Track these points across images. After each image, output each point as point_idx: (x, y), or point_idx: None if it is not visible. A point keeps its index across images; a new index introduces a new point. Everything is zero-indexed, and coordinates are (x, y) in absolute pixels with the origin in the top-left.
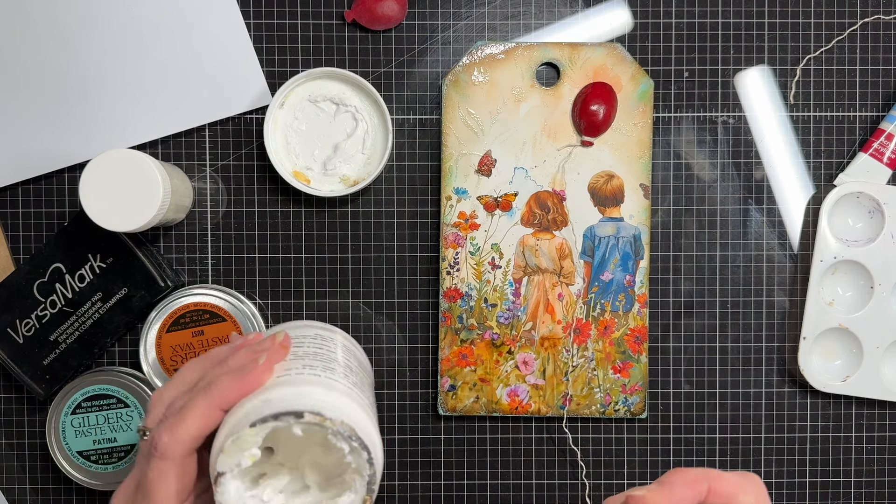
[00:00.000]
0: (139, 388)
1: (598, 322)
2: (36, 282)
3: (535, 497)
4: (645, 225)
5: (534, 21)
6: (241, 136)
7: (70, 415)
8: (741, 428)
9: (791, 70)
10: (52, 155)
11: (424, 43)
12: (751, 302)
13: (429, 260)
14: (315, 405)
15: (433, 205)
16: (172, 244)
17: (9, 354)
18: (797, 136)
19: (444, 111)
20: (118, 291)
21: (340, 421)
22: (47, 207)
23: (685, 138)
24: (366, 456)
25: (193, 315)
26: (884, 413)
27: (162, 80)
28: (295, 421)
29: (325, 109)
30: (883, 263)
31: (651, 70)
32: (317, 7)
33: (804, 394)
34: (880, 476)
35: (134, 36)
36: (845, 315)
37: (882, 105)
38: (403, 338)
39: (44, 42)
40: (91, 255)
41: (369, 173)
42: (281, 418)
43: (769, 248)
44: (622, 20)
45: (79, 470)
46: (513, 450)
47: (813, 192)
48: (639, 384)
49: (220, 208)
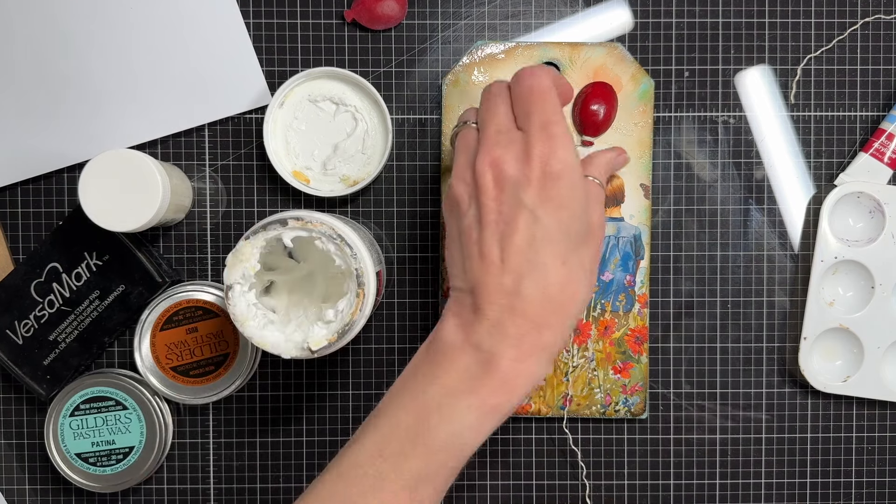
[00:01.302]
0: (138, 391)
1: (598, 322)
2: (33, 282)
3: (536, 497)
4: (645, 225)
5: (534, 21)
6: (240, 136)
7: (68, 417)
8: (741, 428)
9: (791, 70)
10: (52, 155)
11: (424, 43)
12: (751, 302)
13: (429, 260)
14: (299, 214)
15: (433, 205)
16: (172, 244)
17: (9, 356)
18: (798, 136)
19: (445, 111)
20: (116, 289)
21: (320, 222)
22: (47, 207)
23: (685, 138)
24: (349, 251)
25: (186, 312)
26: (884, 413)
27: (161, 79)
28: (282, 228)
29: (325, 109)
30: (884, 263)
31: (651, 70)
32: (317, 7)
33: (804, 394)
34: (880, 476)
35: (134, 36)
36: (846, 315)
37: (883, 105)
38: (403, 338)
39: (43, 41)
40: (87, 253)
41: (369, 173)
42: (269, 227)
43: (770, 248)
44: (622, 20)
45: (77, 472)
46: (513, 450)
47: (813, 192)
48: (639, 384)
49: (219, 208)
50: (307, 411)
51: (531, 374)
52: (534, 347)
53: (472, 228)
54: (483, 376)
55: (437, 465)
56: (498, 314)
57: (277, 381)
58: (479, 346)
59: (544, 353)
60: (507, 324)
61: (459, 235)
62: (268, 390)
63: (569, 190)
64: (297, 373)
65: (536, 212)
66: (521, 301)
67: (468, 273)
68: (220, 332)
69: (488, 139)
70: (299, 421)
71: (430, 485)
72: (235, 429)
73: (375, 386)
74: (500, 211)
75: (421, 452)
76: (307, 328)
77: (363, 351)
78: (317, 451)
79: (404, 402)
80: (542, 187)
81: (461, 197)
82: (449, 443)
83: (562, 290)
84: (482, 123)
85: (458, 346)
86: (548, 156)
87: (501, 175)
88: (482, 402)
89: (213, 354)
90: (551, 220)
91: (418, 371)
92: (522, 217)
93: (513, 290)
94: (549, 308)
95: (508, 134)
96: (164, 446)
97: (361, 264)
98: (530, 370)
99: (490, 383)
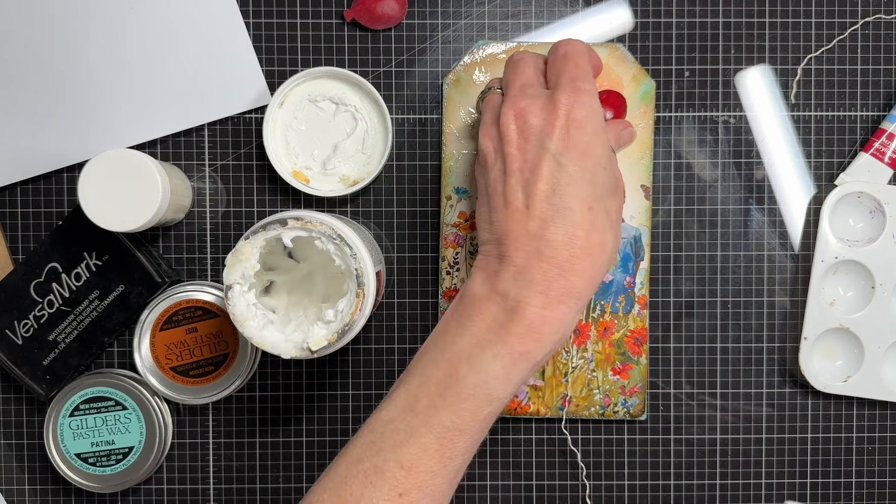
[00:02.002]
0: (137, 391)
1: (597, 323)
2: (33, 282)
3: (536, 498)
4: (645, 226)
5: (534, 20)
6: (240, 136)
7: (68, 417)
8: (742, 429)
9: (792, 69)
10: (51, 154)
11: (424, 42)
12: (751, 302)
13: (429, 260)
14: (299, 214)
15: (433, 205)
16: (171, 244)
17: (8, 356)
18: (798, 136)
19: (445, 110)
20: (115, 288)
21: (320, 222)
22: (46, 207)
23: (686, 138)
24: (349, 251)
25: (186, 312)
26: (885, 413)
27: (161, 79)
28: (281, 228)
29: (325, 109)
30: (884, 263)
31: (651, 70)
32: (316, 6)
33: (805, 394)
34: (881, 476)
35: (133, 35)
36: (846, 315)
37: (883, 105)
38: (403, 338)
39: (43, 41)
40: (87, 253)
41: (369, 173)
42: (269, 227)
43: (770, 249)
44: (622, 20)
45: (77, 472)
46: (513, 450)
47: (814, 192)
48: (638, 386)
49: (219, 208)
50: (307, 411)
51: (560, 321)
52: (562, 294)
53: (497, 181)
54: (509, 324)
55: (467, 415)
56: (524, 260)
57: (277, 381)
58: (506, 294)
59: (573, 299)
60: (533, 269)
61: (486, 189)
62: (268, 390)
63: (593, 136)
64: (296, 373)
65: (561, 158)
66: (547, 246)
67: (494, 224)
68: (219, 332)
69: (513, 93)
70: (299, 421)
71: (462, 436)
72: (235, 429)
73: (375, 386)
74: (524, 159)
75: (451, 403)
76: (307, 328)
77: (363, 351)
78: (317, 451)
79: (434, 357)
80: (566, 135)
81: (487, 151)
82: (476, 392)
83: (588, 236)
84: (507, 83)
85: (485, 296)
86: (572, 104)
87: (525, 124)
88: (510, 349)
89: (212, 354)
90: (576, 167)
91: (448, 327)
92: (546, 163)
93: (538, 234)
94: (577, 253)
95: (534, 88)
96: (164, 446)
97: (361, 264)
98: (559, 317)
99: (516, 330)
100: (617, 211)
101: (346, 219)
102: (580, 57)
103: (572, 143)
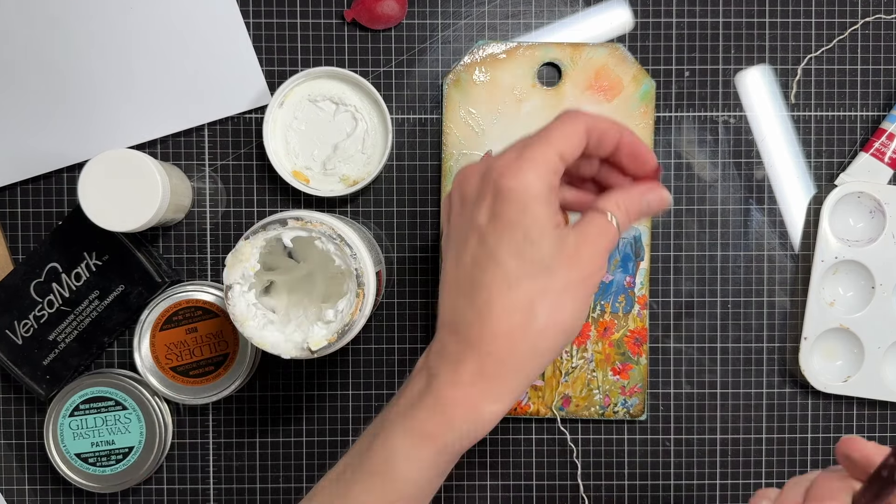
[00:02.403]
0: (137, 391)
1: (597, 323)
2: (33, 282)
3: (535, 498)
4: (645, 226)
5: (534, 20)
6: (240, 136)
7: (68, 417)
8: (742, 429)
9: (792, 69)
10: (52, 154)
11: (424, 42)
12: (751, 302)
13: (429, 260)
14: (299, 214)
15: (433, 205)
16: (171, 244)
17: (8, 356)
18: (798, 136)
19: (445, 110)
20: (115, 288)
21: (320, 222)
22: (46, 207)
23: (686, 138)
24: (349, 251)
25: (186, 312)
26: (885, 413)
27: (161, 79)
28: (281, 228)
29: (325, 109)
30: (884, 263)
31: (651, 69)
32: (316, 6)
33: (805, 394)
34: None
35: (133, 35)
36: (846, 315)
37: (883, 105)
38: (403, 338)
39: (43, 41)
40: (87, 253)
41: (369, 173)
42: (269, 227)
43: (770, 249)
44: (623, 20)
45: (77, 472)
46: (512, 450)
47: (814, 192)
48: (638, 386)
49: (219, 208)
50: (307, 411)
51: (473, 407)
52: (474, 375)
53: (444, 248)
54: (424, 396)
55: (376, 492)
56: (444, 333)
57: (277, 381)
58: (429, 367)
59: (487, 384)
60: (448, 343)
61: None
62: (268, 390)
63: (519, 213)
64: (296, 373)
65: (484, 230)
66: (461, 322)
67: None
68: (219, 332)
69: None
70: (299, 421)
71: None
72: (235, 429)
73: (375, 386)
74: (459, 229)
75: (361, 478)
76: (307, 328)
77: (363, 351)
78: (317, 452)
79: (369, 428)
80: (492, 206)
81: (443, 218)
82: (382, 468)
83: (505, 317)
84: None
85: (419, 367)
86: (503, 173)
87: (463, 193)
88: (416, 427)
89: (212, 354)
90: (497, 241)
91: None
92: (473, 236)
93: (453, 308)
94: (489, 333)
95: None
96: (164, 446)
97: (361, 264)
98: (471, 401)
99: (424, 406)
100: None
101: (346, 219)
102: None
103: (495, 215)
